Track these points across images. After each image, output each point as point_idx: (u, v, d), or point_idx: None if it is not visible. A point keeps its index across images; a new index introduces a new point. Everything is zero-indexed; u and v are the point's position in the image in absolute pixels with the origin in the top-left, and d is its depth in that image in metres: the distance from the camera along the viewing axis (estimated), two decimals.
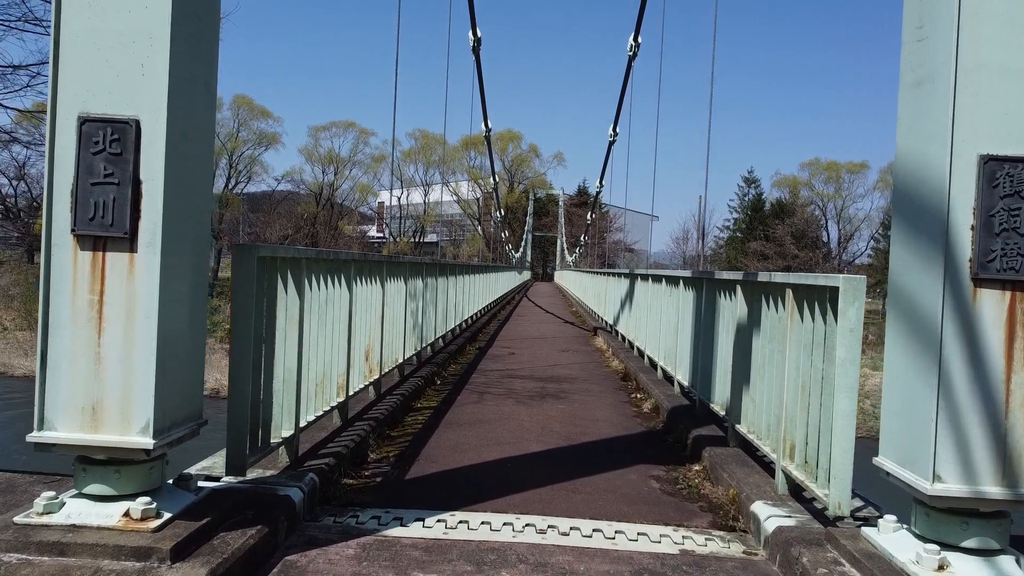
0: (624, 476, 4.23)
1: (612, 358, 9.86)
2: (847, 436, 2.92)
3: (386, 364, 5.84)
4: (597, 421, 5.78)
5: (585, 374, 8.48)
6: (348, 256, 4.49)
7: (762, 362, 4.05)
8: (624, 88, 15.48)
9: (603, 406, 6.48)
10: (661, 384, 6.88)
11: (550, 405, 6.36)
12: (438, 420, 5.54)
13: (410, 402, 5.91)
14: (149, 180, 2.53)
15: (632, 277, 10.07)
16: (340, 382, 4.52)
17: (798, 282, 3.50)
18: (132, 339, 2.51)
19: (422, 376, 6.73)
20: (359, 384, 5.01)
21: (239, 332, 3.02)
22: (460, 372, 8.18)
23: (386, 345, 5.78)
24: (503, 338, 12.55)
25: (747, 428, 4.26)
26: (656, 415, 6.10)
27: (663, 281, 7.39)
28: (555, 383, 7.66)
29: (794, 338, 3.52)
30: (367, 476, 4.01)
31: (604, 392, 7.25)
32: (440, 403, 6.22)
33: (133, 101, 2.52)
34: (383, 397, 5.50)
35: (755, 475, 3.84)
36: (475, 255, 54.66)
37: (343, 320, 4.50)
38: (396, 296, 6.15)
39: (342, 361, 4.51)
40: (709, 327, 5.29)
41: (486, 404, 6.29)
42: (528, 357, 9.93)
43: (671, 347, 6.83)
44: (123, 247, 2.53)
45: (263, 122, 56.07)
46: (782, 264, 51.17)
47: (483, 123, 17.20)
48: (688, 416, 5.41)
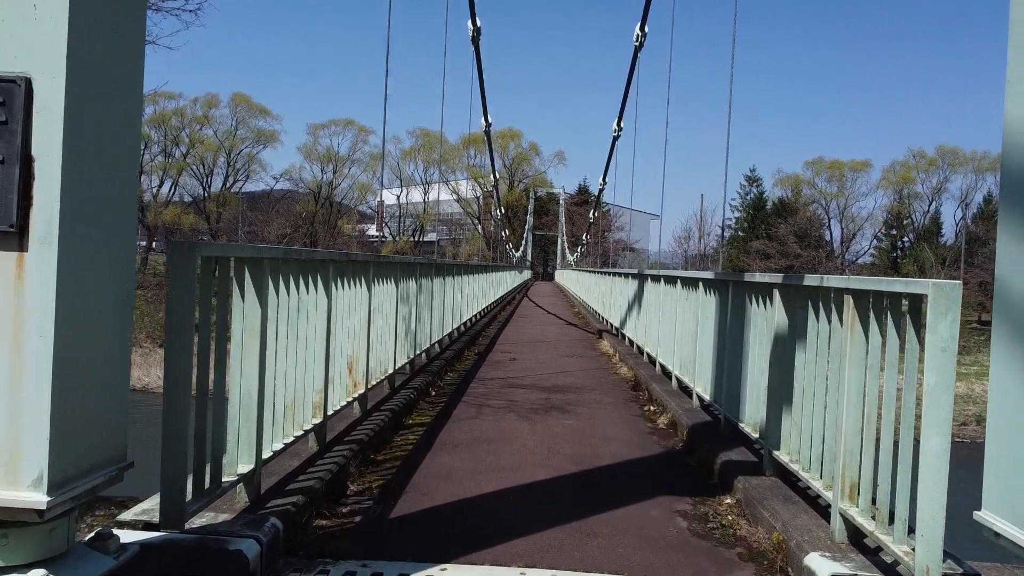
0: (646, 512, 3.63)
1: (620, 364, 9.26)
2: (938, 483, 2.32)
3: (373, 376, 5.24)
4: (609, 440, 5.19)
5: (592, 382, 7.88)
6: (326, 256, 3.90)
7: (809, 381, 3.45)
8: (629, 81, 14.90)
9: (614, 421, 5.89)
10: (676, 396, 6.28)
11: (556, 420, 5.76)
12: (431, 440, 4.94)
13: (400, 418, 5.31)
14: (44, 157, 1.93)
15: (641, 278, 9.47)
16: (317, 401, 3.92)
17: (861, 287, 2.90)
18: (20, 365, 1.92)
19: (415, 387, 6.14)
20: (340, 401, 4.41)
21: (175, 350, 2.43)
22: (457, 381, 7.59)
23: (373, 355, 5.19)
24: (504, 342, 11.96)
25: (788, 456, 3.66)
26: (674, 432, 5.50)
27: (678, 283, 6.79)
28: (560, 393, 7.07)
29: (854, 355, 2.92)
30: (345, 514, 3.41)
31: (614, 404, 6.66)
32: (434, 418, 5.62)
33: (22, 53, 1.92)
34: (369, 414, 4.90)
35: (802, 515, 3.24)
36: (475, 254, 54.04)
37: (320, 329, 3.90)
38: (385, 300, 5.55)
39: (319, 376, 3.91)
40: (737, 336, 4.69)
41: (485, 419, 5.70)
42: (530, 363, 9.33)
43: (688, 355, 6.24)
44: (10, 244, 1.93)
45: (261, 120, 55.53)
46: (784, 264, 50.59)
47: (483, 118, 16.60)
48: (711, 435, 4.82)
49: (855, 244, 59.19)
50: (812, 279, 3.40)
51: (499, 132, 59.99)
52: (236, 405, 2.91)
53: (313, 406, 3.90)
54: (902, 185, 57.57)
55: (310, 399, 3.85)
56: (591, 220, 37.91)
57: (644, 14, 12.38)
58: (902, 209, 57.24)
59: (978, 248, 49.37)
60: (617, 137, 17.61)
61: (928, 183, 56.93)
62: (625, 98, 15.83)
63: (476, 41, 14.28)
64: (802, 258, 52.17)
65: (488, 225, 59.75)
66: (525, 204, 65.20)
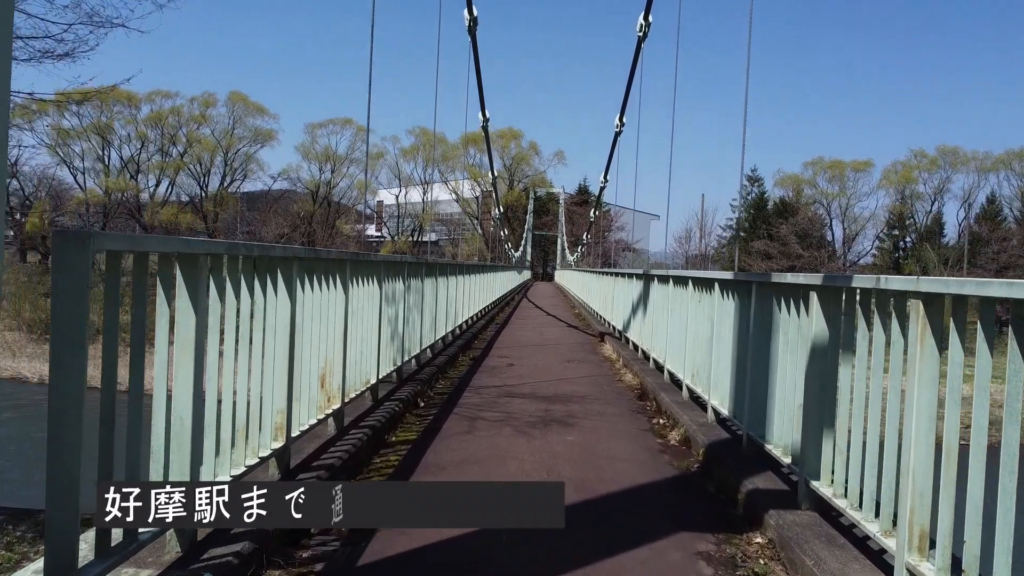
0: (664, 554, 3.08)
1: (624, 370, 8.70)
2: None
3: (352, 388, 4.69)
4: (616, 460, 4.63)
5: (595, 391, 7.33)
6: (288, 252, 3.34)
7: (858, 402, 2.90)
8: (632, 73, 14.29)
9: (621, 436, 5.33)
10: (688, 408, 5.73)
11: (556, 436, 5.21)
12: (416, 460, 4.39)
13: (383, 435, 4.75)
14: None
15: (647, 278, 8.91)
16: (279, 422, 3.37)
17: (932, 290, 2.35)
18: None
19: (401, 399, 5.58)
20: (309, 419, 3.86)
21: (63, 370, 1.87)
22: (450, 390, 7.03)
23: (352, 365, 4.63)
24: (501, 345, 11.40)
25: (831, 489, 3.10)
26: (688, 450, 4.95)
27: (689, 284, 6.23)
28: (561, 403, 6.51)
29: (925, 373, 2.37)
30: (306, 559, 2.86)
31: (620, 416, 6.10)
32: (421, 434, 5.07)
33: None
34: (346, 431, 4.35)
35: (853, 563, 2.69)
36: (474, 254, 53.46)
37: (282, 338, 3.35)
38: (366, 303, 4.99)
39: (280, 393, 3.35)
40: (763, 344, 4.14)
41: (478, 435, 5.14)
42: (529, 369, 8.77)
43: (702, 363, 5.68)
44: None
45: (259, 119, 54.88)
46: (786, 264, 50.07)
47: (480, 112, 16.01)
48: (732, 456, 4.26)
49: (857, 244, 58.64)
50: (864, 280, 2.85)
51: (499, 132, 59.39)
52: (162, 434, 2.36)
53: (275, 428, 3.35)
54: (904, 185, 57.02)
55: (271, 419, 3.30)
56: (592, 219, 37.29)
57: (648, 2, 11.80)
58: (904, 209, 56.69)
59: (980, 248, 48.89)
60: (619, 133, 17.01)
61: (930, 183, 56.37)
62: (627, 92, 15.23)
63: (473, 31, 13.69)
64: (804, 258, 51.66)
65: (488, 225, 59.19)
66: (525, 204, 64.57)
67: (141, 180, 53.35)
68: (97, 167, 51.86)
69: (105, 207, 49.99)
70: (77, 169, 51.41)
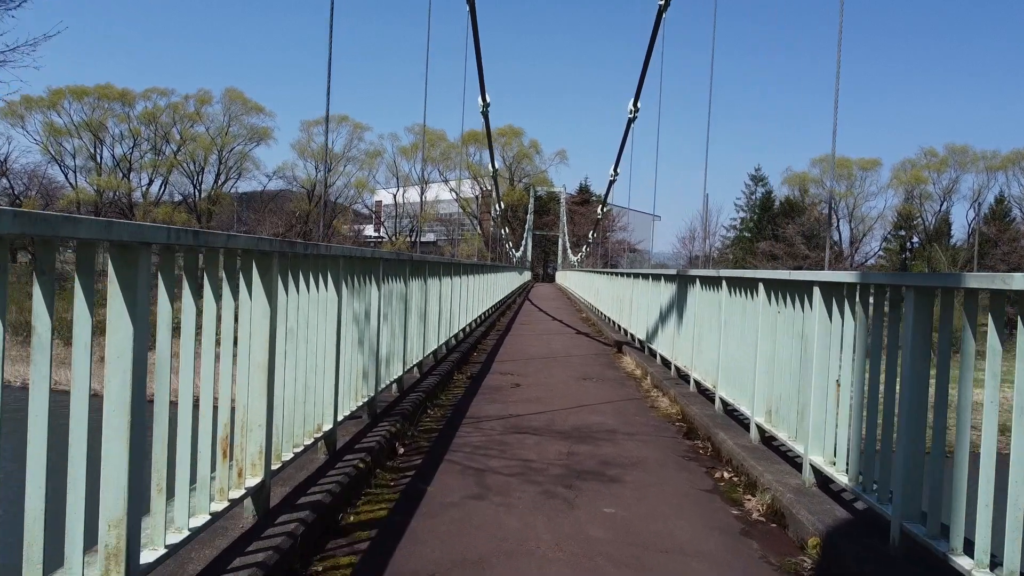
0: None
1: (656, 392, 7.16)
2: None
3: (288, 446, 3.14)
4: (684, 555, 3.08)
5: (626, 423, 5.78)
6: (133, 233, 1.80)
7: None
8: (650, 51, 12.76)
9: (677, 503, 3.79)
10: (764, 458, 4.19)
11: (588, 504, 3.67)
12: (382, 563, 2.84)
13: (335, 516, 3.21)
14: None
15: (682, 279, 7.36)
16: (113, 545, 1.83)
17: None
18: None
19: (370, 447, 4.02)
20: (194, 517, 2.31)
21: None
22: (442, 423, 5.48)
23: (287, 410, 3.09)
24: (504, 358, 9.84)
25: None
26: (782, 531, 3.40)
27: (759, 288, 4.67)
28: (586, 443, 4.98)
29: None
30: None
31: (665, 464, 4.56)
32: (395, 506, 3.52)
33: None
34: (272, 519, 2.80)
35: None
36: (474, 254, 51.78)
37: (118, 386, 1.81)
38: (316, 315, 3.44)
39: (115, 489, 1.82)
40: (919, 380, 2.61)
41: (478, 506, 3.60)
42: (539, 390, 7.22)
43: (785, 397, 4.14)
44: None
45: (255, 117, 53.20)
46: (792, 265, 48.53)
47: (480, 96, 14.44)
48: (868, 553, 2.72)
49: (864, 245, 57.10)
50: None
51: (500, 129, 57.83)
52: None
53: (106, 554, 1.82)
54: (913, 185, 55.51)
55: (108, 531, 1.76)
56: (599, 215, 35.70)
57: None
58: (912, 210, 55.18)
59: (988, 249, 47.54)
60: (633, 119, 15.43)
61: (939, 183, 54.87)
62: (643, 74, 13.70)
63: (472, 4, 12.22)
64: (810, 259, 50.21)
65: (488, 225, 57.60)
66: (525, 203, 62.94)
67: (134, 178, 51.82)
68: (89, 165, 50.36)
69: (96, 206, 48.47)
70: (68, 167, 49.92)
